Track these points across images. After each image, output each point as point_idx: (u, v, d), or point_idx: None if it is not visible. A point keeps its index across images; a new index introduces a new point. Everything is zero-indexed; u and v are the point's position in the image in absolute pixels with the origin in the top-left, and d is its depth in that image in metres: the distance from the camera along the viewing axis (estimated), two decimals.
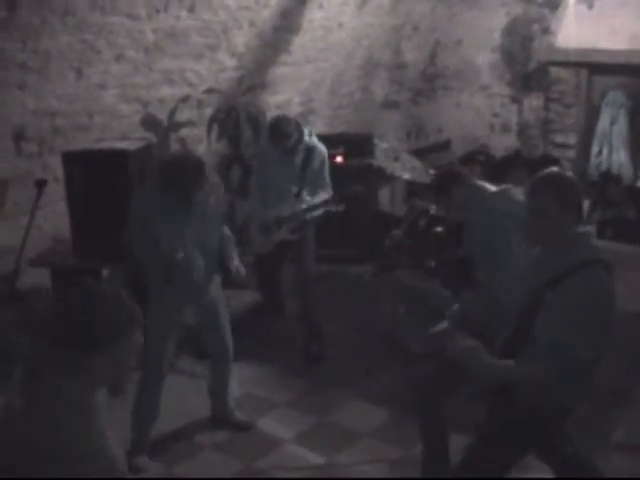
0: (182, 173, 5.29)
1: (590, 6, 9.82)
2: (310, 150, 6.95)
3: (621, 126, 9.70)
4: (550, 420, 4.00)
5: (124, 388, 2.70)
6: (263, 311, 7.71)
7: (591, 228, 9.36)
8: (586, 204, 9.80)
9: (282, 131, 6.79)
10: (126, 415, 5.52)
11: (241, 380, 6.44)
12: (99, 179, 6.49)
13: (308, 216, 6.94)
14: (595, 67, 9.98)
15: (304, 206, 6.89)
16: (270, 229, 6.94)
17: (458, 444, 4.68)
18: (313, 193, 6.99)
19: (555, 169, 4.06)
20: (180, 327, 5.71)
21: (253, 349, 7.02)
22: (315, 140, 7.05)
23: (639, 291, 8.23)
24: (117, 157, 6.61)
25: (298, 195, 6.94)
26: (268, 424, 6.08)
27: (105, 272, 7.02)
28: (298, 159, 6.92)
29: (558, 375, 3.70)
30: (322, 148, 7.06)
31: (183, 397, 6.28)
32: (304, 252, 7.08)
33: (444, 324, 4.81)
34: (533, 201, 3.81)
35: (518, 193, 4.82)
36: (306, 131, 7.01)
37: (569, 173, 3.99)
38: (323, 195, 6.98)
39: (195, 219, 5.41)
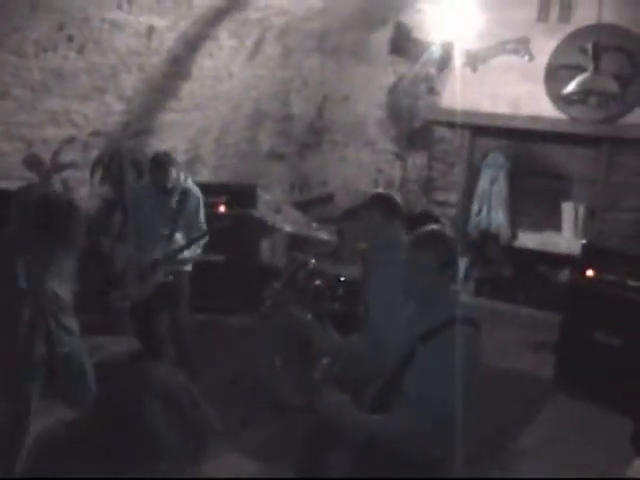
0: (54, 213, 5.18)
1: (474, 69, 10.09)
2: (185, 193, 6.96)
3: (500, 187, 9.92)
4: (422, 470, 4.03)
5: None
6: (141, 358, 7.59)
7: (459, 286, 9.54)
8: (465, 262, 9.99)
9: (164, 162, 6.78)
10: None
11: None
12: None
13: (181, 258, 6.90)
14: (477, 129, 10.22)
15: (176, 247, 6.86)
16: (145, 274, 6.86)
17: None
18: (188, 237, 6.98)
19: (436, 226, 4.14)
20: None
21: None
22: (190, 183, 7.07)
23: (512, 347, 8.43)
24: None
25: (170, 237, 6.90)
26: None
27: None
28: (173, 202, 6.91)
29: (429, 427, 3.75)
30: (197, 191, 7.09)
31: None
32: (178, 299, 7.02)
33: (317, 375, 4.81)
34: (416, 256, 3.88)
35: None
36: (182, 175, 7.03)
37: (449, 231, 4.07)
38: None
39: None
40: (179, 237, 6.95)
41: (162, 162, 6.83)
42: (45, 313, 4.82)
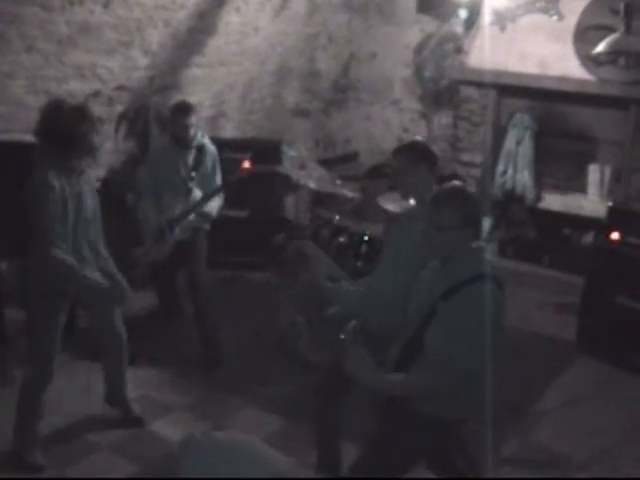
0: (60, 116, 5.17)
1: (502, 29, 9.97)
2: (201, 149, 6.91)
3: (526, 147, 9.85)
4: (440, 431, 4.05)
5: (14, 378, 2.52)
6: (161, 314, 7.63)
7: (485, 244, 9.50)
8: (489, 222, 9.95)
9: (184, 106, 6.76)
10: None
11: (137, 382, 6.38)
12: (2, 171, 6.37)
13: (199, 215, 6.88)
14: (504, 89, 10.12)
15: (190, 205, 6.82)
16: (163, 234, 6.84)
17: (351, 453, 4.72)
18: (204, 191, 6.91)
19: (457, 183, 4.10)
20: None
21: (150, 352, 6.98)
22: (207, 140, 7.02)
23: (536, 309, 8.42)
24: (22, 149, 6.47)
25: (188, 194, 6.87)
26: (163, 427, 6.02)
27: (3, 265, 6.91)
28: (190, 158, 6.88)
29: (445, 386, 3.76)
30: (213, 149, 7.03)
31: (80, 395, 6.22)
32: (195, 256, 6.99)
33: (342, 336, 4.81)
34: (436, 215, 3.86)
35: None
36: (199, 132, 6.98)
37: (470, 188, 4.04)
38: (216, 200, 6.95)
39: (82, 206, 5.30)
40: (197, 194, 6.90)
41: (183, 106, 6.81)
42: None
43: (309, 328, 6.88)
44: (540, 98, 9.86)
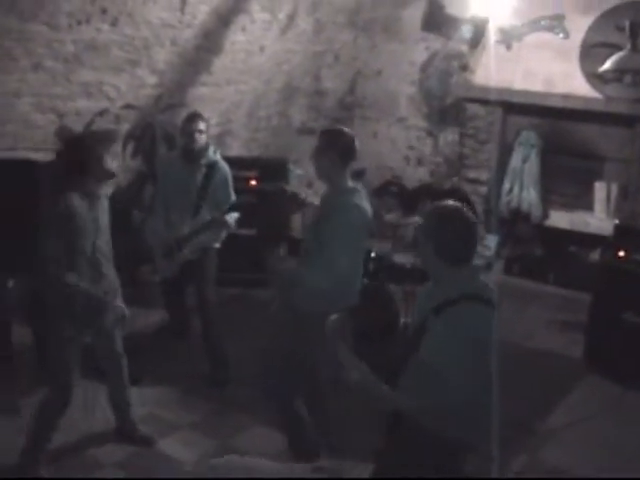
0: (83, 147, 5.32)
1: (508, 47, 10.00)
2: (212, 166, 6.85)
3: (532, 165, 9.86)
4: (445, 450, 4.02)
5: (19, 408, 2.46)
6: (169, 331, 7.62)
7: (481, 263, 9.52)
8: (495, 240, 9.96)
9: (193, 116, 6.79)
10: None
11: (144, 400, 6.38)
12: (8, 189, 6.38)
13: (206, 235, 6.86)
14: (510, 106, 10.14)
15: (200, 224, 6.77)
16: (172, 252, 6.84)
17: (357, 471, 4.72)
18: (215, 210, 6.82)
19: (450, 202, 4.05)
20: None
21: (158, 369, 6.97)
22: (219, 157, 6.98)
23: (542, 327, 8.41)
24: (27, 167, 6.52)
25: (196, 212, 6.84)
26: (170, 445, 6.01)
27: (11, 283, 6.91)
28: (200, 175, 6.83)
29: (441, 406, 3.74)
30: (225, 166, 6.97)
31: (86, 413, 6.21)
32: (203, 274, 6.98)
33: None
34: (424, 233, 3.90)
35: None
36: (211, 148, 6.94)
37: (465, 209, 3.99)
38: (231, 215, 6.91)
39: (100, 222, 5.38)
40: (206, 212, 6.86)
41: (190, 114, 6.84)
42: None
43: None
44: (546, 116, 9.88)
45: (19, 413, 6.08)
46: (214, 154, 6.91)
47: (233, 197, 6.96)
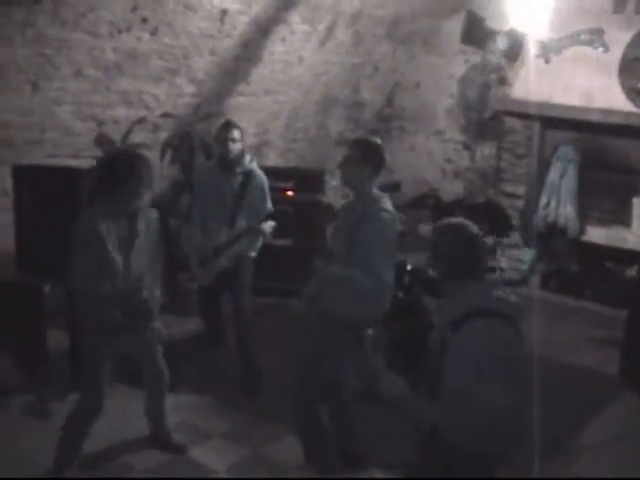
0: (116, 165, 5.29)
1: (547, 60, 9.97)
2: (248, 174, 6.84)
3: (570, 180, 9.81)
4: (478, 464, 4.00)
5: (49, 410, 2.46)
6: (204, 340, 7.63)
7: (516, 277, 9.49)
8: (531, 254, 9.91)
9: (228, 124, 6.80)
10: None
11: (178, 407, 6.39)
12: (48, 195, 6.45)
13: (243, 244, 6.85)
14: (548, 120, 10.10)
15: (235, 234, 6.77)
16: (209, 260, 6.85)
17: None
18: (251, 219, 6.80)
19: (455, 220, 4.05)
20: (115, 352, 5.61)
21: (192, 377, 6.98)
22: (255, 165, 6.96)
23: (578, 343, 8.34)
24: (68, 174, 6.57)
25: (233, 221, 6.84)
26: (201, 453, 6.02)
27: (47, 288, 6.97)
28: (236, 182, 6.81)
29: (472, 423, 3.71)
30: (262, 175, 6.94)
31: (119, 419, 6.23)
32: (239, 283, 6.98)
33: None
34: (435, 250, 3.92)
35: None
36: (247, 156, 6.94)
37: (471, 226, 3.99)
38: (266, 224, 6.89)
39: (135, 243, 5.38)
40: (243, 221, 6.88)
41: (225, 121, 6.86)
42: None
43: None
44: (584, 130, 9.83)
45: (50, 418, 6.15)
46: (250, 162, 6.90)
47: (270, 206, 6.93)
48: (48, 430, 5.78)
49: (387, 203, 5.32)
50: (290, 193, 8.98)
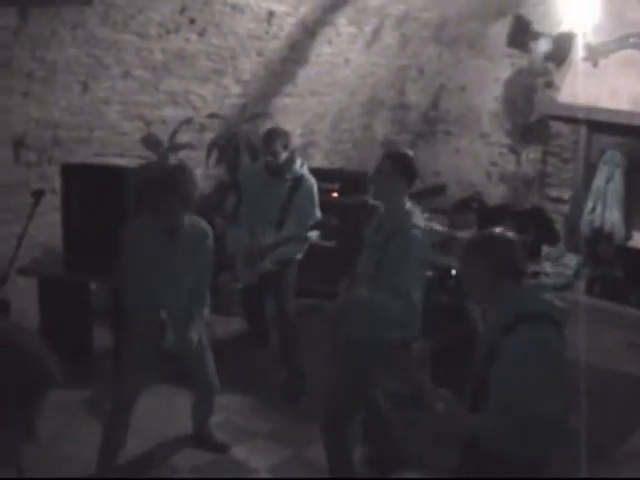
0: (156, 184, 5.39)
1: (595, 64, 9.89)
2: (298, 179, 6.84)
3: (617, 185, 9.73)
4: (520, 470, 3.98)
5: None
6: (248, 340, 7.66)
7: (560, 282, 9.42)
8: (576, 259, 9.84)
9: (270, 133, 6.81)
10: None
11: (221, 406, 6.42)
12: (96, 193, 6.52)
13: (288, 247, 6.85)
14: (595, 125, 10.02)
15: (282, 237, 6.78)
16: (254, 260, 6.86)
17: None
18: (298, 224, 6.81)
19: (490, 231, 4.03)
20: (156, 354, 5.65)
21: (236, 377, 7.00)
22: (305, 170, 6.96)
23: (622, 349, 8.27)
24: (116, 173, 6.64)
25: (280, 224, 6.85)
26: (244, 453, 6.07)
27: (93, 285, 7.04)
28: (285, 187, 6.83)
29: (520, 430, 3.69)
30: (311, 179, 6.94)
31: (164, 418, 6.29)
32: (283, 286, 7.00)
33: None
34: (467, 267, 3.90)
35: None
36: (298, 161, 6.94)
37: (504, 234, 3.96)
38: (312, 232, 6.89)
39: (173, 264, 5.43)
40: (290, 225, 6.86)
41: (268, 133, 6.87)
42: None
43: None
44: (632, 135, 9.73)
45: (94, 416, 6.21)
46: (301, 167, 6.91)
47: (318, 214, 6.92)
48: (93, 428, 5.83)
49: (419, 218, 5.22)
50: (335, 195, 8.99)
